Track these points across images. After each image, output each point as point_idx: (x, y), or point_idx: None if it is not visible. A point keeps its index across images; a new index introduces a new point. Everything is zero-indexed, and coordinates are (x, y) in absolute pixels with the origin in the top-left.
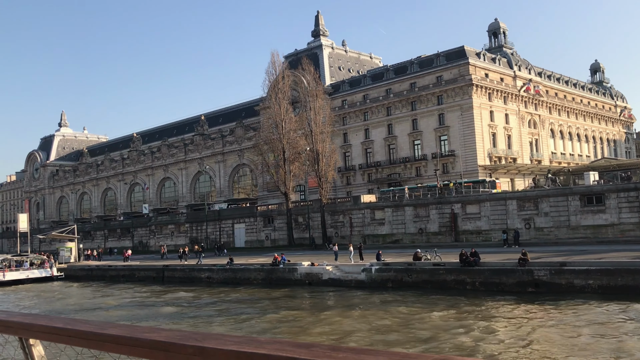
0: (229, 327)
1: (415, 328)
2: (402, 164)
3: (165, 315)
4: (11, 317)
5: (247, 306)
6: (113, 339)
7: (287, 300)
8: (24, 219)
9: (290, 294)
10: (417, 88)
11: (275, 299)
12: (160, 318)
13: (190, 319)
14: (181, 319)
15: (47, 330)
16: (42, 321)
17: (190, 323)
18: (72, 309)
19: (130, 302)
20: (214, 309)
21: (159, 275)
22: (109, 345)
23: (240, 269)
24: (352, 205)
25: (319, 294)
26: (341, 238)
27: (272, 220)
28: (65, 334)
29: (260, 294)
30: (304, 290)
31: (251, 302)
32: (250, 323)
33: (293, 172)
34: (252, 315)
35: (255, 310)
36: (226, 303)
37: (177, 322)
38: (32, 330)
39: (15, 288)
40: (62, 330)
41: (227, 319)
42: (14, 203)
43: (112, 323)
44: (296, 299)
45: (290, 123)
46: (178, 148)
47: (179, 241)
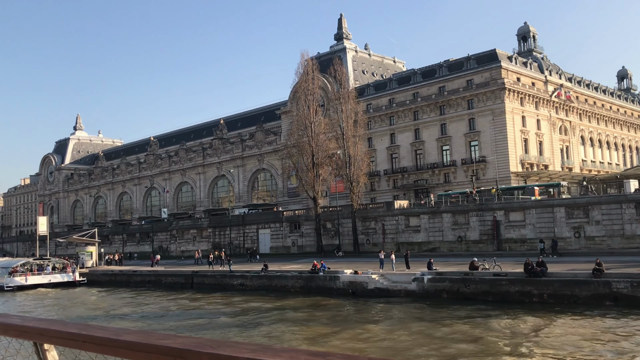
0: (272, 339)
1: (492, 343)
2: (430, 170)
3: (216, 326)
4: (26, 322)
5: (289, 316)
6: (128, 345)
7: (333, 310)
8: (43, 222)
9: (333, 303)
10: (447, 92)
11: (319, 309)
12: (210, 328)
13: (239, 327)
14: (226, 328)
15: (62, 336)
16: (57, 326)
17: (236, 332)
18: (106, 316)
19: (166, 310)
20: (254, 319)
21: (188, 282)
22: (123, 352)
23: (277, 276)
24: (385, 211)
25: (366, 305)
26: (373, 245)
27: (299, 225)
28: (79, 339)
29: (301, 303)
30: (348, 300)
31: (293, 311)
32: (296, 336)
33: (322, 176)
34: (296, 326)
35: (299, 321)
36: (266, 312)
37: (224, 331)
38: (46, 336)
39: (37, 292)
40: (77, 335)
41: (271, 330)
42: (27, 206)
43: (127, 329)
44: (342, 310)
45: (319, 126)
46: (196, 152)
47: (201, 246)
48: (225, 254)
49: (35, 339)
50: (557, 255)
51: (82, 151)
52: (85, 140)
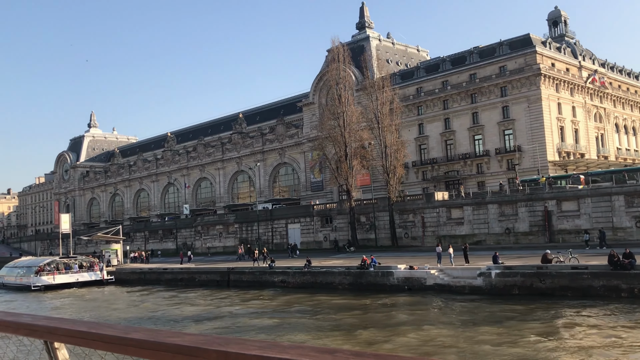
0: (340, 342)
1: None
2: (462, 161)
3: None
4: (36, 320)
5: (344, 316)
6: (137, 343)
7: (392, 308)
8: (66, 220)
9: (390, 301)
10: (478, 79)
11: (375, 308)
12: (294, 330)
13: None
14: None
15: (72, 334)
16: (67, 325)
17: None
18: (158, 319)
19: (209, 310)
20: (306, 319)
21: (224, 279)
22: (132, 350)
23: (321, 272)
24: (425, 203)
25: (427, 302)
26: (412, 239)
27: (331, 219)
28: (89, 337)
29: (353, 301)
30: (404, 297)
31: (347, 310)
32: (362, 337)
33: (355, 167)
34: (354, 326)
35: (358, 321)
36: (318, 312)
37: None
38: (56, 334)
39: (65, 292)
40: (86, 334)
41: (334, 332)
42: (43, 205)
43: (136, 327)
44: (403, 308)
45: (352, 115)
46: (215, 147)
47: (228, 242)
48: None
49: (46, 337)
50: (606, 246)
51: (97, 148)
52: (100, 138)
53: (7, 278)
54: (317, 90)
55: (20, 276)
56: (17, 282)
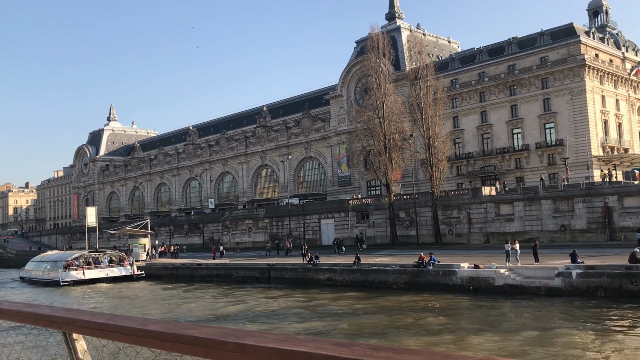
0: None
1: None
2: (499, 155)
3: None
4: (55, 312)
5: (419, 318)
6: (154, 335)
7: (462, 311)
8: (92, 213)
9: (456, 304)
10: (517, 70)
11: (441, 310)
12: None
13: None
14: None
15: (90, 325)
16: (85, 316)
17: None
18: (219, 318)
19: (265, 309)
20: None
21: (264, 276)
22: (149, 341)
23: (373, 270)
24: (471, 199)
25: (498, 305)
26: (456, 236)
27: (367, 215)
28: (107, 329)
29: (413, 302)
30: (471, 298)
31: (416, 313)
32: (456, 341)
33: (395, 160)
34: (436, 330)
35: (439, 324)
36: (386, 313)
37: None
38: (75, 325)
39: (96, 287)
40: (104, 325)
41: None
42: (61, 199)
43: (153, 319)
44: (475, 311)
45: (393, 106)
46: (238, 141)
47: (257, 237)
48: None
49: (64, 328)
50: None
51: (116, 142)
52: (119, 131)
53: (35, 273)
54: (345, 82)
55: (48, 271)
56: (45, 277)
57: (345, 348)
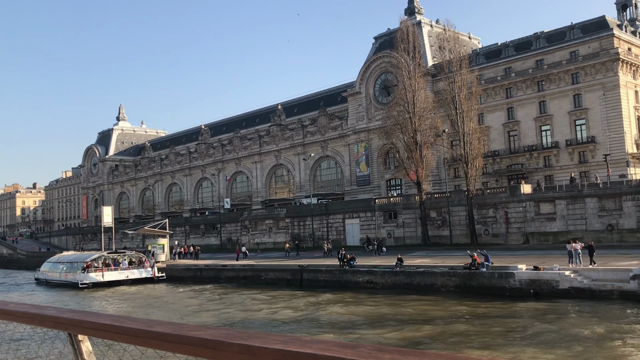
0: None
1: None
2: (527, 153)
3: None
4: (61, 313)
5: (487, 326)
6: (160, 337)
7: (541, 318)
8: (108, 213)
9: (519, 308)
10: (546, 65)
11: (516, 316)
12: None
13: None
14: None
15: (95, 327)
16: (91, 318)
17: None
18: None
19: (314, 315)
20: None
21: (295, 278)
22: (155, 343)
23: (418, 272)
24: (509, 197)
25: (570, 310)
26: (493, 236)
27: (396, 215)
28: (112, 330)
29: (479, 307)
30: (532, 303)
31: (484, 318)
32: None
33: (426, 157)
34: (514, 339)
35: (512, 334)
36: (445, 320)
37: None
38: (80, 327)
39: (117, 290)
40: (110, 327)
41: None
42: (70, 199)
43: (159, 321)
44: (553, 316)
45: (427, 100)
46: (252, 140)
47: (278, 238)
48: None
49: (70, 329)
50: None
51: (126, 142)
52: (128, 131)
53: (51, 274)
54: (364, 79)
55: (65, 272)
56: (62, 278)
57: (351, 350)
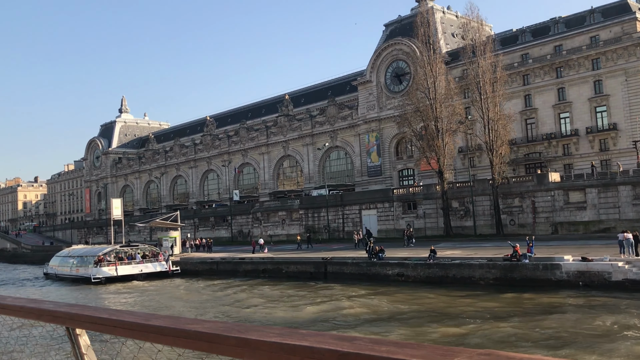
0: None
1: None
2: (546, 141)
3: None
4: (58, 307)
5: (557, 322)
6: (157, 330)
7: (605, 313)
8: (118, 205)
9: (571, 303)
10: (565, 51)
11: (581, 311)
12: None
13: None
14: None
15: (93, 321)
16: (88, 312)
17: None
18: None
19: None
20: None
21: (319, 271)
22: (153, 336)
23: (454, 264)
24: (536, 186)
25: (628, 304)
26: (519, 226)
27: (415, 205)
28: (110, 324)
29: (531, 300)
30: (583, 295)
31: (544, 314)
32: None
33: (448, 145)
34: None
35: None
36: (499, 315)
37: None
38: (78, 321)
39: (131, 285)
40: (108, 320)
41: None
42: (72, 193)
43: (156, 314)
44: (606, 310)
45: (447, 87)
46: (259, 131)
47: (292, 230)
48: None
49: (68, 323)
50: None
51: (129, 134)
52: (131, 123)
53: (61, 269)
54: (374, 67)
55: (77, 267)
56: (74, 273)
57: (348, 342)
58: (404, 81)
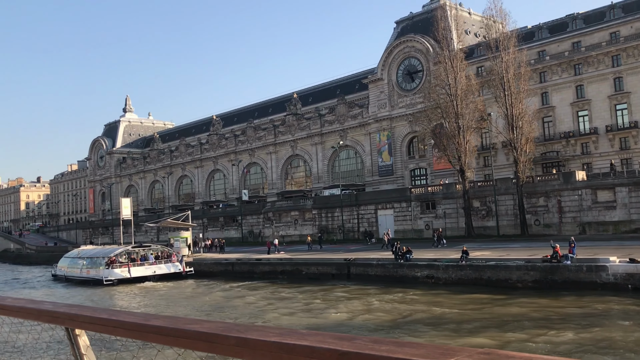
0: None
1: None
2: (564, 140)
3: None
4: (57, 307)
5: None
6: (156, 330)
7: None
8: (127, 205)
9: (627, 306)
10: (584, 48)
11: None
12: None
13: None
14: None
15: (92, 321)
16: (87, 312)
17: None
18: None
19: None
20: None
21: (342, 272)
22: (152, 336)
23: (489, 266)
24: (562, 184)
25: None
26: (544, 226)
27: (434, 205)
28: (109, 324)
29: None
30: (629, 300)
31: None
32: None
33: (469, 142)
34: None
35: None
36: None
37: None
38: (77, 321)
39: (144, 287)
40: (107, 321)
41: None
42: (76, 193)
43: (156, 315)
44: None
45: (468, 83)
46: (266, 130)
47: (305, 230)
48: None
49: (67, 324)
50: None
51: (133, 134)
52: (135, 123)
53: (70, 270)
54: (386, 65)
55: (87, 268)
56: (84, 275)
57: (348, 342)
58: (417, 79)
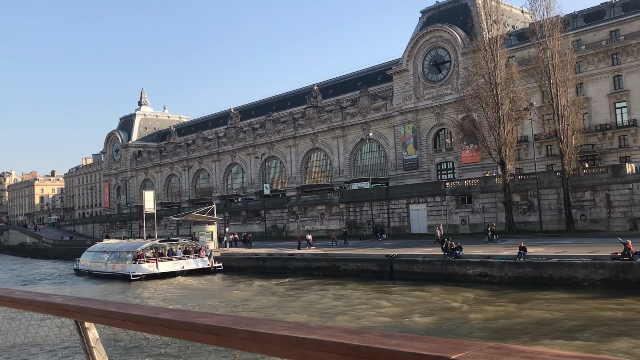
0: None
1: None
2: (600, 133)
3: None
4: (67, 301)
5: None
6: (165, 323)
7: None
8: (150, 198)
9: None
10: (622, 36)
11: None
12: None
13: None
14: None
15: (102, 314)
16: (97, 305)
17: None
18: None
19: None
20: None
21: (384, 269)
22: (161, 329)
23: (551, 263)
24: (611, 178)
25: None
26: (591, 222)
27: (470, 199)
28: (119, 317)
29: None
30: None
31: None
32: None
33: (510, 133)
34: None
35: None
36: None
37: None
38: (87, 314)
39: (173, 283)
40: (116, 314)
41: None
42: (91, 187)
43: (165, 308)
44: None
45: (508, 72)
46: (286, 123)
47: (332, 225)
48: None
49: (76, 317)
50: None
51: (148, 127)
52: (151, 116)
53: (94, 265)
54: (411, 55)
55: (112, 263)
56: (110, 270)
57: (357, 335)
58: (444, 70)
